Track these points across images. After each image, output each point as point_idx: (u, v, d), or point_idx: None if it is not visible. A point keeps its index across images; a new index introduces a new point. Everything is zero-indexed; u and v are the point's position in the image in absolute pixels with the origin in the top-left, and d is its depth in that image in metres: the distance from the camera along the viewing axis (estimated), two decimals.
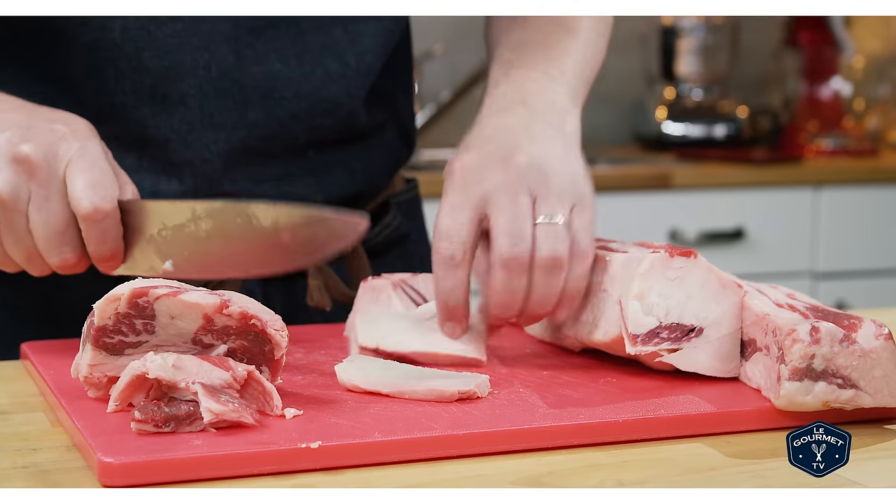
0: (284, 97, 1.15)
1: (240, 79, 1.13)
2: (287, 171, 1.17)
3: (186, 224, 0.99)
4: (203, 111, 1.12)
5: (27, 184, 0.96)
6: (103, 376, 0.87)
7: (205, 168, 1.14)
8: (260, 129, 1.15)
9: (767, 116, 3.36)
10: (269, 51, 1.14)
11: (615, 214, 2.85)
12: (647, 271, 0.93)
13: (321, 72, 1.16)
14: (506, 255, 0.96)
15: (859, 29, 3.52)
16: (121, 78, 1.11)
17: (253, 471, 0.77)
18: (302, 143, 1.17)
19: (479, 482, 0.77)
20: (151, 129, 1.12)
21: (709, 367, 0.94)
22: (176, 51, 1.11)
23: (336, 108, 1.18)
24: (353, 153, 1.22)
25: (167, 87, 1.12)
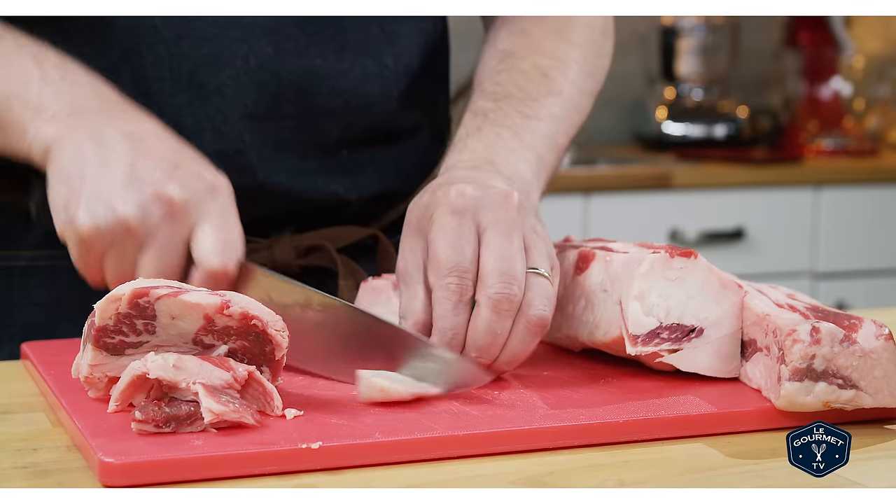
0: (320, 93, 1.15)
1: (278, 71, 1.13)
2: (320, 167, 1.17)
3: (294, 307, 0.95)
4: (239, 101, 1.12)
5: (158, 220, 0.94)
6: (104, 376, 0.87)
7: (238, 159, 1.13)
8: (292, 121, 1.15)
9: (767, 116, 3.36)
10: (310, 45, 1.14)
11: (615, 214, 2.85)
12: (648, 272, 0.93)
13: (359, 70, 1.16)
14: (496, 297, 0.91)
15: (859, 29, 3.53)
16: (159, 64, 1.11)
17: (253, 471, 0.77)
18: (334, 139, 1.17)
19: (479, 482, 0.77)
20: (186, 118, 1.12)
21: (709, 368, 0.94)
22: (215, 40, 1.11)
23: (370, 106, 1.18)
24: (386, 153, 1.22)
25: (204, 75, 1.11)
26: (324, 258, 1.18)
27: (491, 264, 0.92)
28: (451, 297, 0.92)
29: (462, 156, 1.07)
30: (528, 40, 1.19)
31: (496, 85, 1.14)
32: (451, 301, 0.92)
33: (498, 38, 1.22)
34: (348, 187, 1.19)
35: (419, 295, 0.95)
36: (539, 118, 1.11)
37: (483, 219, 0.94)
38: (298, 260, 1.17)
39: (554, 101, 1.13)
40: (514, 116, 1.10)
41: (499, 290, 0.91)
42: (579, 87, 1.17)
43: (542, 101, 1.13)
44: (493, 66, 1.18)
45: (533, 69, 1.15)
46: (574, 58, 1.18)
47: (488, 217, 0.94)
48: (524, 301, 0.92)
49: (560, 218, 2.75)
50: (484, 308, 0.91)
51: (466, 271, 0.93)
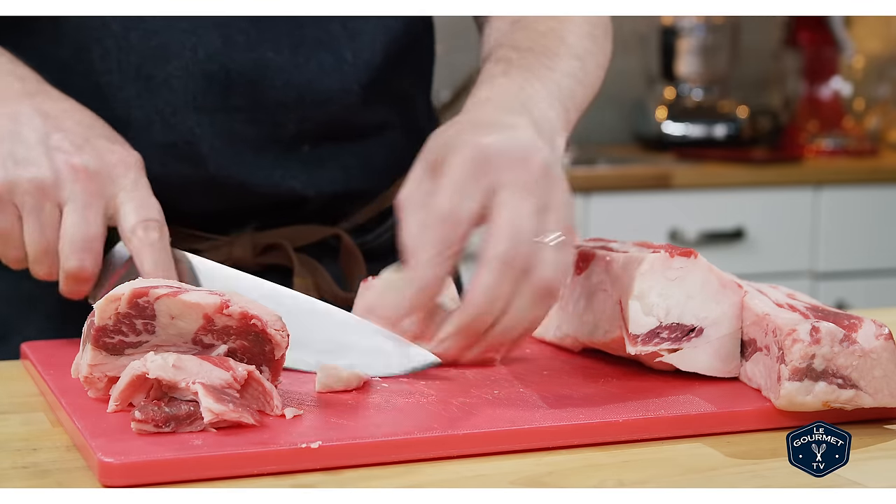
0: (273, 86, 1.14)
1: (226, 63, 1.13)
2: (277, 162, 1.17)
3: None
4: (187, 93, 1.12)
5: (73, 184, 0.98)
6: (103, 376, 0.87)
7: (188, 151, 1.13)
8: (244, 114, 1.14)
9: (767, 116, 3.36)
10: (263, 40, 1.14)
11: (615, 214, 2.85)
12: (648, 271, 0.93)
13: (315, 64, 1.15)
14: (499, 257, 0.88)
15: (859, 29, 3.53)
16: (107, 57, 1.11)
17: (253, 471, 0.77)
18: (291, 134, 1.17)
19: (479, 482, 0.77)
20: (136, 110, 1.12)
21: (709, 367, 0.94)
22: (163, 32, 1.11)
23: (328, 101, 1.17)
24: (350, 149, 1.20)
25: (152, 67, 1.12)
26: (281, 256, 1.18)
27: (500, 226, 0.88)
28: (434, 245, 0.89)
29: (493, 91, 1.02)
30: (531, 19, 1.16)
31: (514, 40, 1.11)
32: (431, 250, 0.89)
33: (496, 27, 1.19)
34: (306, 183, 1.18)
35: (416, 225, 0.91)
36: (562, 73, 1.08)
37: (502, 176, 0.90)
38: (256, 258, 1.17)
39: (574, 62, 1.10)
40: (538, 66, 1.06)
41: (503, 252, 0.88)
42: (594, 57, 1.14)
43: (564, 58, 1.09)
44: (507, 29, 1.14)
45: (550, 31, 1.12)
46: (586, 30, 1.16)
47: (508, 175, 0.90)
48: (532, 268, 0.88)
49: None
50: (484, 269, 0.88)
51: (458, 223, 0.89)
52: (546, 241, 0.89)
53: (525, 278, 0.89)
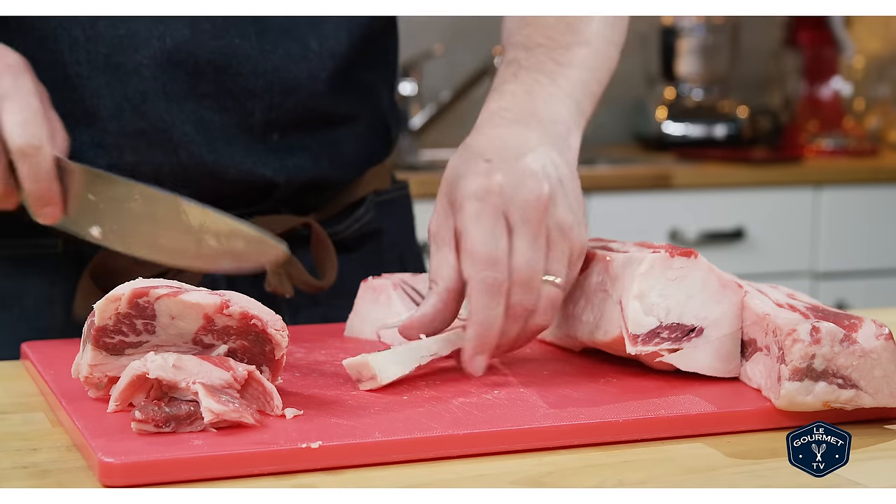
0: (240, 73, 1.15)
1: (194, 51, 1.13)
2: (248, 149, 1.17)
3: (122, 200, 1.02)
4: (157, 81, 1.13)
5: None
6: (103, 376, 0.87)
7: (160, 139, 1.13)
8: (212, 101, 1.15)
9: (767, 116, 3.36)
10: (229, 26, 1.14)
11: (615, 214, 2.85)
12: (648, 271, 0.93)
13: (282, 52, 1.16)
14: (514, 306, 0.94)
15: (859, 29, 3.53)
16: (76, 47, 1.12)
17: (253, 471, 0.77)
18: (260, 121, 1.17)
19: (479, 482, 0.77)
20: (105, 99, 1.13)
21: (709, 367, 0.94)
22: (131, 21, 1.12)
23: (296, 89, 1.17)
24: (319, 139, 1.21)
25: (121, 56, 1.12)
26: None
27: (515, 275, 0.94)
28: (489, 290, 0.93)
29: (503, 101, 1.05)
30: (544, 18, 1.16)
31: (524, 37, 1.13)
32: (488, 294, 0.93)
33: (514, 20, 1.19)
34: (277, 170, 1.18)
35: (450, 261, 0.96)
36: (572, 65, 1.10)
37: (512, 214, 0.95)
38: None
39: (584, 50, 1.12)
40: (547, 63, 1.09)
41: (517, 299, 0.94)
42: (605, 37, 1.15)
43: (573, 49, 1.11)
44: (517, 26, 1.16)
45: (558, 22, 1.13)
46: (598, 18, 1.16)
47: (517, 215, 0.95)
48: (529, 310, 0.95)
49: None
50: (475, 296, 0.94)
51: (502, 265, 0.94)
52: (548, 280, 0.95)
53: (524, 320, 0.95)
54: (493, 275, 0.93)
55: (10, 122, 0.98)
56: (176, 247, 1.02)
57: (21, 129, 0.98)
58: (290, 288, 1.18)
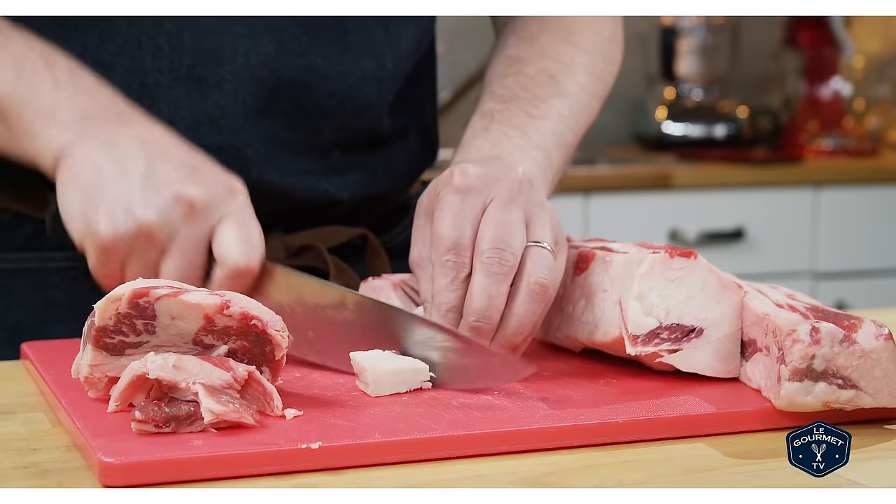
0: (318, 93, 1.15)
1: (278, 68, 1.13)
2: (312, 167, 1.17)
3: (326, 308, 0.96)
4: (237, 97, 1.12)
5: (179, 223, 0.94)
6: (104, 376, 0.87)
7: (234, 155, 1.13)
8: (286, 119, 1.14)
9: (767, 116, 3.36)
10: (313, 45, 1.14)
11: (615, 214, 2.85)
12: (648, 272, 0.93)
13: (358, 72, 1.16)
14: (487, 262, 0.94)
15: (859, 29, 3.53)
16: (159, 56, 1.10)
17: (253, 471, 0.77)
18: (327, 141, 1.17)
19: (479, 482, 0.77)
20: (184, 111, 1.11)
21: (709, 368, 0.94)
22: (217, 34, 1.11)
23: (365, 109, 1.18)
24: (376, 156, 1.22)
25: (205, 69, 1.11)
26: (314, 258, 1.18)
27: (486, 234, 0.95)
28: (448, 273, 0.95)
29: (469, 154, 1.09)
30: (537, 47, 1.20)
31: (503, 88, 1.16)
32: (447, 277, 0.95)
33: (507, 43, 1.22)
34: (340, 187, 1.19)
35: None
36: (546, 117, 1.13)
37: (487, 195, 0.97)
38: (289, 260, 1.17)
39: (561, 101, 1.15)
40: (520, 116, 1.12)
41: (490, 255, 0.94)
42: (587, 89, 1.18)
43: (549, 101, 1.14)
44: (501, 71, 1.18)
45: (540, 73, 1.16)
46: (582, 62, 1.19)
47: (491, 193, 0.97)
48: (525, 270, 0.95)
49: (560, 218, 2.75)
50: (477, 273, 0.94)
51: (464, 248, 0.95)
52: (535, 244, 0.96)
53: (521, 282, 0.95)
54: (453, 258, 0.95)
55: (235, 238, 0.95)
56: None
57: (247, 248, 0.95)
58: None
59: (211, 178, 0.96)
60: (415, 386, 0.91)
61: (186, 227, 0.94)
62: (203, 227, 0.95)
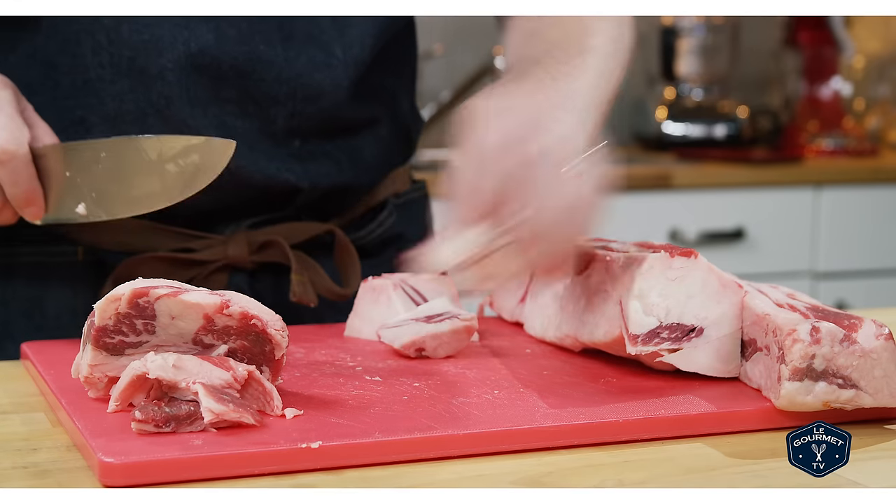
0: (264, 79, 1.15)
1: (218, 56, 1.13)
2: (271, 155, 1.17)
3: (90, 164, 1.04)
4: (181, 86, 1.12)
5: None
6: (104, 376, 0.87)
7: None
8: (234, 106, 1.15)
9: (767, 116, 3.36)
10: (254, 32, 1.14)
11: (615, 214, 2.85)
12: (648, 271, 0.93)
13: (305, 59, 1.16)
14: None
15: (859, 29, 3.53)
16: (99, 50, 1.11)
17: (253, 471, 0.77)
18: (281, 128, 1.17)
19: (479, 482, 0.77)
20: (128, 104, 1.12)
21: (709, 367, 0.94)
22: (155, 25, 1.11)
23: (319, 96, 1.17)
24: (340, 144, 1.21)
25: (145, 60, 1.12)
26: (277, 254, 1.18)
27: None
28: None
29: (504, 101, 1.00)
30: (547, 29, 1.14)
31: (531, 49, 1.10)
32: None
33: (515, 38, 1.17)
34: (300, 175, 1.18)
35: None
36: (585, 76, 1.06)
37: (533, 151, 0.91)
38: (252, 256, 1.17)
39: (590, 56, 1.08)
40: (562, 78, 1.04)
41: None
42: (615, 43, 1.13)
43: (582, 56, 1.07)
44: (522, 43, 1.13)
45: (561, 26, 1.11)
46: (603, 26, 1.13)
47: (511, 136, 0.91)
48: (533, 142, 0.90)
49: None
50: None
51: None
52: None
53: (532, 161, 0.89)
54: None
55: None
56: (147, 191, 1.04)
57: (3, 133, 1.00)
58: (314, 297, 1.18)
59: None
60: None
61: None
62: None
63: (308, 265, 1.18)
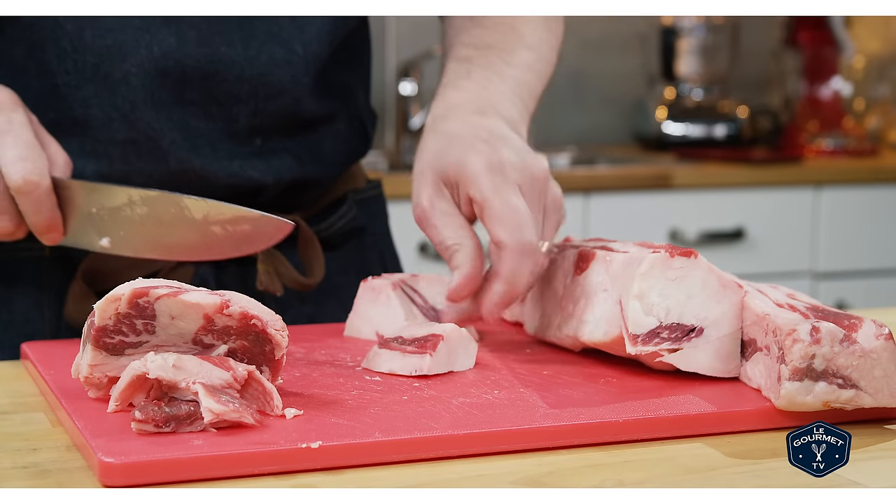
0: (226, 80, 1.15)
1: (181, 59, 1.13)
2: (233, 153, 1.18)
3: (122, 207, 1.05)
4: (144, 90, 1.13)
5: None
6: (104, 376, 0.87)
7: (149, 146, 1.14)
8: (197, 107, 1.15)
9: (767, 116, 3.36)
10: (214, 33, 1.14)
11: (615, 214, 2.85)
12: (648, 271, 0.93)
13: (266, 57, 1.17)
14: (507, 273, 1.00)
15: (859, 29, 3.53)
16: (63, 57, 1.12)
17: (253, 471, 0.77)
18: (244, 126, 1.18)
19: (479, 482, 0.77)
20: (94, 109, 1.13)
21: (709, 367, 0.94)
22: (117, 30, 1.12)
23: (280, 93, 1.18)
24: (301, 141, 1.22)
25: (109, 66, 1.12)
26: None
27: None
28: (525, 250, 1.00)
29: (461, 95, 1.11)
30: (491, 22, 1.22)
31: (472, 37, 1.19)
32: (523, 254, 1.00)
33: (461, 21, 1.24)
34: (263, 172, 1.19)
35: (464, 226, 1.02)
36: (519, 67, 1.17)
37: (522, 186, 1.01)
38: None
39: (529, 54, 1.19)
40: (497, 63, 1.16)
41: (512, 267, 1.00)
42: (548, 44, 1.22)
43: (519, 52, 1.18)
44: (464, 26, 1.22)
45: (506, 27, 1.20)
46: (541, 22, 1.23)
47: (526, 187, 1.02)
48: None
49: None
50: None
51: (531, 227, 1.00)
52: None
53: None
54: (527, 237, 0.99)
55: (7, 159, 1.01)
56: (183, 242, 1.05)
57: (19, 165, 1.01)
58: (280, 286, 1.19)
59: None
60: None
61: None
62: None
63: (273, 256, 1.20)
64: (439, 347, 0.96)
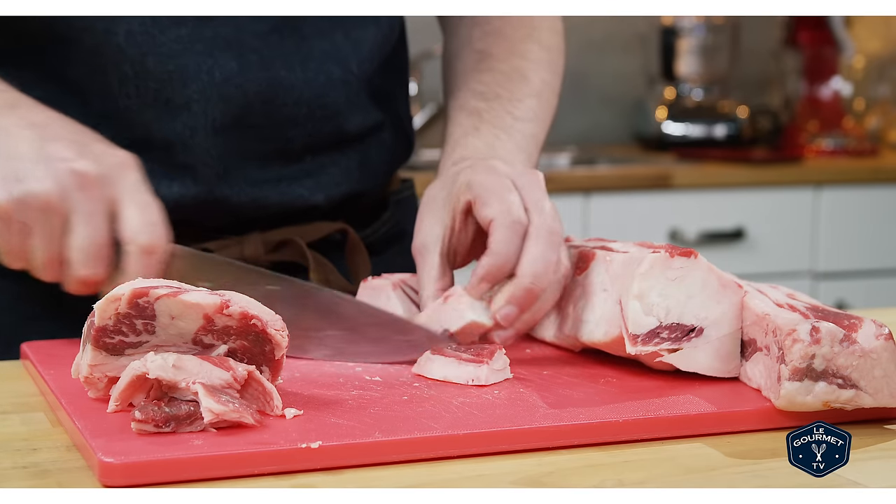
0: (286, 103, 1.15)
1: (242, 84, 1.13)
2: (283, 174, 1.18)
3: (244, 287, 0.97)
4: (206, 116, 1.13)
5: (78, 192, 0.96)
6: (103, 376, 0.87)
7: (206, 172, 1.14)
8: (256, 132, 1.15)
9: (767, 116, 3.36)
10: (274, 57, 1.14)
11: (615, 214, 2.85)
12: (648, 271, 0.93)
13: (324, 78, 1.17)
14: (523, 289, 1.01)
15: (859, 29, 3.53)
16: (125, 82, 1.12)
17: (253, 471, 0.77)
18: (298, 147, 1.18)
19: (479, 482, 0.77)
20: (155, 133, 1.13)
21: (709, 367, 0.94)
22: (180, 56, 1.12)
23: (336, 114, 1.18)
24: (350, 154, 1.22)
25: (171, 91, 1.12)
26: (293, 253, 1.19)
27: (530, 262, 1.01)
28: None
29: (466, 151, 1.14)
30: (505, 43, 1.24)
31: (482, 84, 1.22)
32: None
33: (473, 37, 1.26)
34: (313, 189, 1.19)
35: (436, 265, 1.06)
36: (525, 119, 1.20)
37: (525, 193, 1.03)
38: (268, 255, 1.18)
39: (535, 102, 1.22)
40: (505, 118, 1.19)
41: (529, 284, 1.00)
42: (551, 86, 1.25)
43: (526, 101, 1.21)
44: (475, 66, 1.24)
45: (513, 71, 1.23)
46: (546, 59, 1.25)
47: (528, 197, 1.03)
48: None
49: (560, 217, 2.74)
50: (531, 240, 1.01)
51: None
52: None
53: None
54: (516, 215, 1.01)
55: (139, 219, 0.98)
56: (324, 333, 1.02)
57: (151, 228, 0.98)
58: None
59: (102, 154, 0.99)
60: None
61: (83, 197, 0.96)
62: (100, 200, 0.97)
63: (322, 264, 1.19)
64: (496, 356, 0.95)
